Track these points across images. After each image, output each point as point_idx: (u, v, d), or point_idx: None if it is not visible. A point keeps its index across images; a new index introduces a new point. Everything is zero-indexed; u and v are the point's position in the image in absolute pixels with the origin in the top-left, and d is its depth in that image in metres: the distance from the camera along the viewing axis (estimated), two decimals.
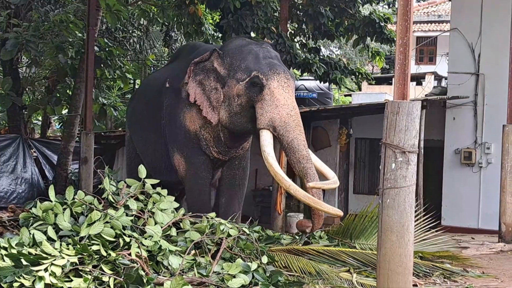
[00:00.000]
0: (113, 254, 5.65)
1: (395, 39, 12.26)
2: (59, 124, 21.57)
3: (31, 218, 6.43)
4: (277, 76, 7.58)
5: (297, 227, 7.66)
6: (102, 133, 16.32)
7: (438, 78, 21.49)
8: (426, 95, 14.39)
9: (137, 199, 7.02)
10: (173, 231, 6.80)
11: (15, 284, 5.06)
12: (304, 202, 7.30)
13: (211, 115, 8.05)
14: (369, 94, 20.80)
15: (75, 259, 5.44)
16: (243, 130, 8.01)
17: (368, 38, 14.33)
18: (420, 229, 7.85)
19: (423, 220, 8.04)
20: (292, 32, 14.70)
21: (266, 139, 7.50)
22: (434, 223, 8.30)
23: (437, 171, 12.92)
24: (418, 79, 22.03)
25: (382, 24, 13.80)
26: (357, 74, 14.63)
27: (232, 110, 7.87)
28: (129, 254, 5.76)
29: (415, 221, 6.06)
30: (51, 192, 6.55)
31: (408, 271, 5.58)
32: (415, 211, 5.81)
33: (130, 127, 10.31)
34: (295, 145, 7.38)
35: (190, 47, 9.49)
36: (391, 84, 23.03)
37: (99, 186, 7.20)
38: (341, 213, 7.45)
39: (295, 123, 7.45)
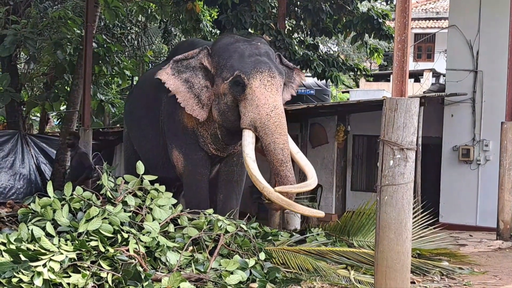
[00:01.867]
0: (111, 250, 5.66)
1: (393, 35, 12.26)
2: (57, 120, 21.58)
3: (30, 214, 6.42)
4: (259, 75, 7.51)
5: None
6: (100, 129, 16.33)
7: (436, 75, 21.51)
8: (424, 92, 14.40)
9: (135, 195, 7.02)
10: (171, 227, 6.81)
11: (14, 280, 5.07)
12: (278, 204, 7.17)
13: (197, 113, 8.04)
14: (367, 91, 20.84)
15: (73, 255, 5.45)
16: (233, 127, 7.98)
17: (366, 35, 14.33)
18: (418, 226, 7.85)
19: (421, 217, 8.04)
20: (290, 28, 14.70)
21: (247, 139, 7.49)
22: (432, 220, 8.29)
23: (435, 168, 12.93)
24: (416, 76, 22.03)
25: (380, 21, 13.81)
26: (355, 70, 14.63)
27: (221, 109, 7.88)
28: (127, 250, 5.77)
29: (413, 218, 6.08)
30: (50, 188, 6.56)
31: (406, 268, 5.59)
32: (413, 208, 5.82)
33: (127, 123, 10.30)
34: (271, 148, 7.34)
35: (188, 44, 9.47)
36: (389, 81, 23.05)
37: (97, 182, 7.20)
38: (321, 214, 7.31)
39: (274, 125, 7.36)
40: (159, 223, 6.64)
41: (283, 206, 7.14)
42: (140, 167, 7.23)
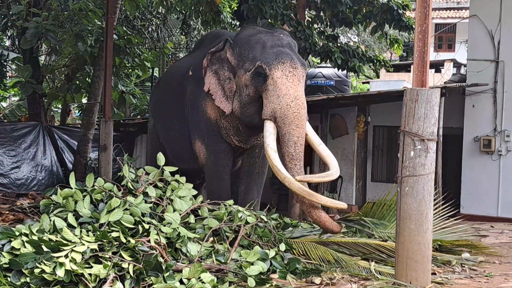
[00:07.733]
0: (132, 241, 5.69)
1: (413, 26, 12.18)
2: (78, 112, 21.73)
3: (52, 205, 6.48)
4: (281, 66, 7.49)
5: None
6: (121, 121, 16.40)
7: (457, 65, 21.39)
8: (445, 83, 14.32)
9: (156, 186, 7.06)
10: (192, 218, 6.84)
11: (36, 270, 5.13)
12: (299, 194, 7.05)
13: (224, 105, 8.06)
14: (387, 82, 20.75)
15: (95, 246, 5.49)
16: (251, 122, 7.95)
17: (387, 26, 14.26)
18: (438, 217, 7.82)
19: (442, 208, 8.00)
20: (310, 19, 14.66)
21: (268, 129, 7.45)
22: (453, 212, 8.26)
23: (456, 159, 12.86)
24: (437, 66, 21.93)
25: (400, 12, 13.73)
26: (375, 61, 14.57)
27: (242, 100, 7.88)
28: (148, 241, 5.81)
29: (433, 209, 6.04)
30: (72, 179, 6.60)
31: (426, 259, 5.58)
32: (434, 199, 5.80)
33: (153, 115, 10.34)
34: (285, 140, 7.28)
35: (213, 35, 9.49)
36: (409, 71, 22.96)
37: (119, 174, 7.24)
38: (343, 206, 7.20)
39: (293, 115, 7.29)
40: (180, 214, 6.67)
41: (305, 197, 7.00)
42: (161, 158, 7.27)
